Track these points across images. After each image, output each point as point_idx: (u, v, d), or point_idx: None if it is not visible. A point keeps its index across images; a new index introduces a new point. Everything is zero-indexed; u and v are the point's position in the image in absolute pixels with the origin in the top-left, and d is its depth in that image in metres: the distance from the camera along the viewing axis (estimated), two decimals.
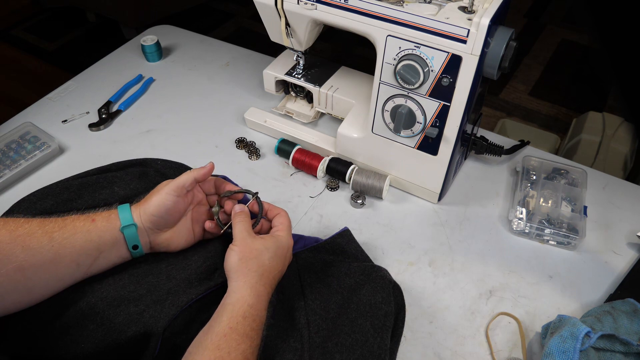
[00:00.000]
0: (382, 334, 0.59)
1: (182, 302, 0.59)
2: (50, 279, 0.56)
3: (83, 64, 1.14)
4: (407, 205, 0.84)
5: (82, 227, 0.58)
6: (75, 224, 0.58)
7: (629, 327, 0.62)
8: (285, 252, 0.63)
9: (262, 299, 0.58)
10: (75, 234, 0.57)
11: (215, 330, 0.53)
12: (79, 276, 0.59)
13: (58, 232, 0.56)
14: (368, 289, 0.63)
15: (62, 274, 0.57)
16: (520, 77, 2.27)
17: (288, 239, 0.64)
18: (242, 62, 1.14)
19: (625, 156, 1.53)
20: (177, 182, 0.63)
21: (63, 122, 0.98)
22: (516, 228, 0.79)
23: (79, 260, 0.57)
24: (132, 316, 0.58)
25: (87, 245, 0.58)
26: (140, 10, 2.24)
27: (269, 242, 0.61)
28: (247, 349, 0.53)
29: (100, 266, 0.60)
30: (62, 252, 0.56)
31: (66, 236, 0.56)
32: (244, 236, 0.61)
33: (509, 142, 0.93)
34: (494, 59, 0.66)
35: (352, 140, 0.85)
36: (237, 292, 0.57)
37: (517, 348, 0.66)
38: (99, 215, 0.60)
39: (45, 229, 0.56)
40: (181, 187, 0.63)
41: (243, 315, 0.54)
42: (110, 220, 0.60)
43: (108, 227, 0.59)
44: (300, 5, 0.75)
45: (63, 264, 0.56)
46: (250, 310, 0.55)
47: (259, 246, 0.60)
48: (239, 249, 0.60)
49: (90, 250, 0.58)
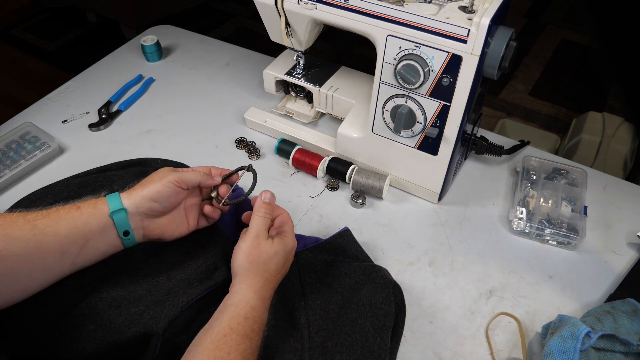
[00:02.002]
0: (382, 334, 0.59)
1: (182, 303, 0.59)
2: (34, 269, 0.54)
3: (83, 64, 1.14)
4: (407, 205, 0.84)
5: (66, 215, 0.56)
6: (60, 212, 0.56)
7: (629, 327, 0.62)
8: (289, 255, 0.64)
9: (265, 302, 0.58)
10: (59, 221, 0.55)
11: (216, 330, 0.53)
12: (66, 267, 0.57)
13: (41, 220, 0.55)
14: (368, 289, 0.63)
15: (47, 263, 0.55)
16: (520, 77, 2.27)
17: (293, 242, 0.65)
18: (242, 62, 1.14)
19: (625, 156, 1.53)
20: (182, 177, 0.62)
21: (63, 122, 0.98)
22: (516, 228, 0.79)
23: (63, 248, 0.55)
24: (133, 317, 0.58)
25: (72, 232, 0.56)
26: (140, 10, 2.24)
27: (279, 247, 0.61)
28: (247, 349, 0.53)
29: (89, 255, 0.58)
30: (46, 241, 0.54)
31: (49, 224, 0.55)
32: (258, 235, 0.61)
33: (509, 142, 0.93)
34: (494, 59, 0.66)
35: (352, 140, 0.85)
36: (240, 293, 0.57)
37: (517, 348, 0.66)
38: (85, 203, 0.59)
39: (28, 217, 0.54)
40: (184, 183, 0.63)
41: (244, 317, 0.54)
42: (97, 207, 0.58)
43: (94, 214, 0.58)
44: (301, 5, 0.75)
45: (47, 252, 0.54)
46: (252, 312, 0.55)
47: (269, 250, 0.60)
48: (250, 250, 0.59)
49: (76, 238, 0.56)
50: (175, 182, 0.61)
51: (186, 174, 0.63)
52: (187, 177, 0.63)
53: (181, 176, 0.62)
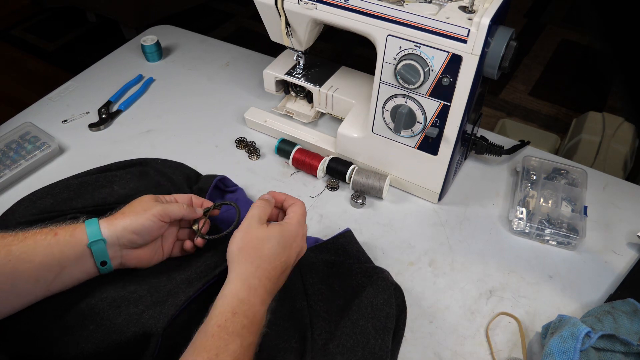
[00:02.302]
0: (383, 335, 0.59)
1: (181, 302, 0.59)
2: (7, 295, 0.53)
3: (83, 64, 1.14)
4: (407, 205, 0.84)
5: (42, 241, 0.55)
6: (36, 237, 0.55)
7: (629, 327, 0.62)
8: (291, 242, 0.59)
9: (257, 293, 0.54)
10: (36, 247, 0.54)
11: (205, 329, 0.51)
12: (39, 293, 0.56)
13: (17, 246, 0.53)
14: (370, 290, 0.63)
15: (20, 289, 0.54)
16: (520, 77, 2.27)
17: (297, 228, 0.61)
18: (242, 62, 1.14)
19: (625, 156, 1.53)
20: (166, 210, 0.61)
21: (63, 122, 0.98)
22: (516, 228, 0.79)
23: (38, 275, 0.54)
24: (132, 317, 0.58)
25: (47, 260, 0.55)
26: (140, 10, 2.24)
27: (273, 231, 0.59)
28: (237, 349, 0.50)
29: (63, 283, 0.57)
30: (21, 268, 0.53)
31: (25, 250, 0.54)
32: (252, 223, 0.59)
33: (509, 142, 0.93)
34: (494, 59, 0.66)
35: (352, 140, 0.85)
36: (229, 284, 0.55)
37: (517, 348, 0.66)
38: (62, 229, 0.57)
39: (4, 242, 0.53)
40: (167, 216, 0.61)
41: (232, 312, 0.52)
42: (75, 235, 0.57)
43: (71, 242, 0.56)
44: (301, 5, 0.75)
45: (21, 279, 0.54)
46: (241, 306, 0.53)
47: (261, 234, 0.58)
48: (241, 235, 0.58)
49: (52, 266, 0.55)
50: (159, 217, 0.60)
51: (170, 207, 0.62)
52: (171, 210, 0.62)
53: (165, 209, 0.61)
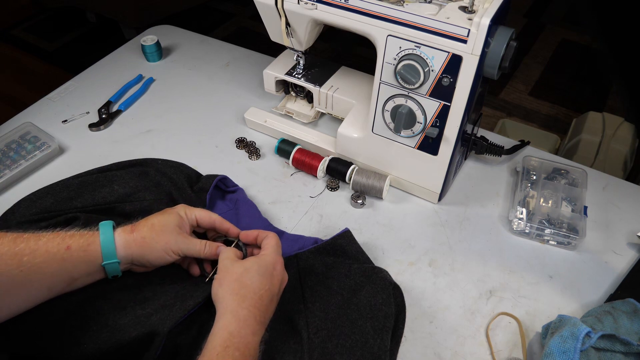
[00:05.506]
0: (382, 335, 0.59)
1: (190, 306, 0.60)
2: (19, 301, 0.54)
3: (83, 64, 1.14)
4: (407, 205, 0.84)
5: (55, 255, 0.55)
6: (49, 247, 0.55)
7: (629, 327, 0.62)
8: (270, 270, 0.60)
9: (247, 324, 0.54)
10: (47, 260, 0.55)
11: None
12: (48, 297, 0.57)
13: (28, 257, 0.53)
14: (368, 290, 0.63)
15: (32, 296, 0.55)
16: (520, 77, 2.27)
17: (274, 257, 0.61)
18: (242, 62, 1.14)
19: (625, 156, 1.53)
20: (186, 251, 0.63)
21: (63, 122, 0.98)
22: (516, 228, 0.79)
23: (50, 285, 0.56)
24: (139, 319, 0.58)
25: (59, 272, 0.56)
26: (140, 10, 2.24)
27: (249, 263, 0.60)
28: None
29: (73, 288, 0.59)
30: (33, 278, 0.54)
31: (37, 262, 0.54)
32: (226, 264, 0.60)
33: (509, 142, 0.93)
34: (494, 59, 0.66)
35: (352, 140, 0.85)
36: (219, 320, 0.55)
37: (517, 348, 0.66)
38: (75, 240, 0.57)
39: (16, 250, 0.53)
40: (185, 254, 0.63)
41: (223, 345, 0.51)
42: (88, 251, 0.57)
43: (84, 258, 0.57)
44: (301, 5, 0.75)
45: (33, 287, 0.54)
46: (232, 339, 0.52)
47: (239, 269, 0.59)
48: (222, 275, 0.59)
49: (64, 278, 0.56)
50: (176, 254, 0.62)
51: (190, 248, 0.63)
52: (190, 251, 0.63)
53: (185, 250, 0.62)
